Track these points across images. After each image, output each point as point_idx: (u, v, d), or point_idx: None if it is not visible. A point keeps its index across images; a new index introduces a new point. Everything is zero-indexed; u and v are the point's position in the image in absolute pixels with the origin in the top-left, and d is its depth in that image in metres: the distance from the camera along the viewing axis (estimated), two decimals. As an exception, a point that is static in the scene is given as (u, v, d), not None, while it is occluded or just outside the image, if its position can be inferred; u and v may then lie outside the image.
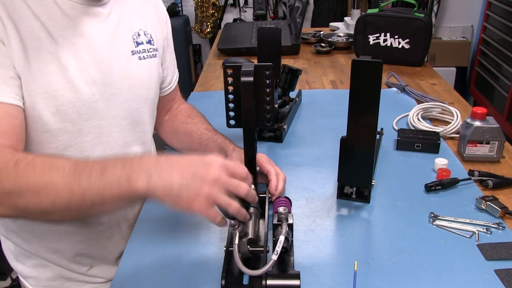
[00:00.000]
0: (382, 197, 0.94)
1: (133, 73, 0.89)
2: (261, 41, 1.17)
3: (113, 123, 0.88)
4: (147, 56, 0.92)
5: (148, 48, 0.93)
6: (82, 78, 0.80)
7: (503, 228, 0.84)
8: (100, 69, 0.83)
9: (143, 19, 0.93)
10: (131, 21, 0.90)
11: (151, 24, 0.95)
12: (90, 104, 0.82)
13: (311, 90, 1.53)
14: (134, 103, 0.91)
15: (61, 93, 0.77)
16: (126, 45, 0.88)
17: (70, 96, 0.79)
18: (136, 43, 0.90)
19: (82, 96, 0.80)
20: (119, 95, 0.87)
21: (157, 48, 0.96)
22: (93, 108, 0.83)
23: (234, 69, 0.78)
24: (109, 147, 0.88)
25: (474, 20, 3.34)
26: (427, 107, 1.27)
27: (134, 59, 0.90)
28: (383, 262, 0.77)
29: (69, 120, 0.80)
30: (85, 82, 0.80)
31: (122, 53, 0.87)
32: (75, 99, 0.79)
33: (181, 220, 0.90)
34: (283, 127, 1.18)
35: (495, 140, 1.03)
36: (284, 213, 0.74)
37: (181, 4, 3.51)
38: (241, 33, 2.09)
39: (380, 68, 0.79)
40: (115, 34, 0.86)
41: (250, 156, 0.85)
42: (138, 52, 0.90)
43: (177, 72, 1.13)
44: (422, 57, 1.69)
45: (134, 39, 0.90)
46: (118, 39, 0.86)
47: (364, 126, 0.84)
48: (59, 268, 0.94)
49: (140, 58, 0.91)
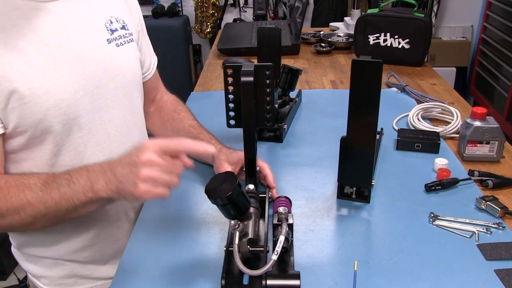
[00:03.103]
0: (382, 197, 0.94)
1: (113, 61, 0.87)
2: (261, 41, 1.17)
3: (102, 115, 0.86)
4: (124, 42, 0.91)
5: (123, 34, 0.91)
6: (61, 78, 0.78)
7: (503, 228, 0.84)
8: (78, 64, 0.81)
9: (112, 6, 0.91)
10: (100, 10, 0.88)
11: (121, 10, 0.93)
12: (75, 102, 0.80)
13: (311, 90, 1.53)
14: (121, 90, 0.90)
15: (44, 98, 0.76)
16: (100, 34, 0.86)
17: (54, 100, 0.77)
18: (111, 30, 0.88)
19: (65, 96, 0.79)
20: (103, 86, 0.85)
21: (132, 33, 0.94)
22: (80, 105, 0.82)
23: (234, 69, 0.78)
24: (102, 140, 0.87)
25: (474, 20, 3.34)
26: (427, 107, 1.27)
27: (112, 47, 0.88)
28: (383, 262, 0.77)
29: (58, 122, 0.79)
30: (65, 81, 0.79)
31: (97, 44, 0.85)
32: (60, 101, 0.78)
33: (181, 220, 0.90)
34: (283, 127, 1.18)
35: (495, 140, 1.03)
36: (284, 213, 0.74)
37: (181, 4, 3.51)
38: (241, 33, 2.09)
39: (380, 68, 0.79)
40: (87, 25, 0.84)
41: (250, 156, 0.85)
42: (115, 39, 0.89)
43: (155, 56, 1.10)
44: (422, 57, 1.69)
45: (108, 27, 0.88)
46: (90, 30, 0.85)
47: (364, 126, 0.84)
48: (73, 265, 0.94)
49: (118, 45, 0.89)
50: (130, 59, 0.93)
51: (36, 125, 0.77)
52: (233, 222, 0.70)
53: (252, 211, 0.77)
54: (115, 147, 0.89)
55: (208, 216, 0.90)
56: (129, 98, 0.93)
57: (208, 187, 0.73)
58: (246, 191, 0.80)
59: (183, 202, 0.95)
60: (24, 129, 0.77)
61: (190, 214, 0.91)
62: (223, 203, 0.71)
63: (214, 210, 0.88)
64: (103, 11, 0.89)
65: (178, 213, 0.92)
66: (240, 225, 0.70)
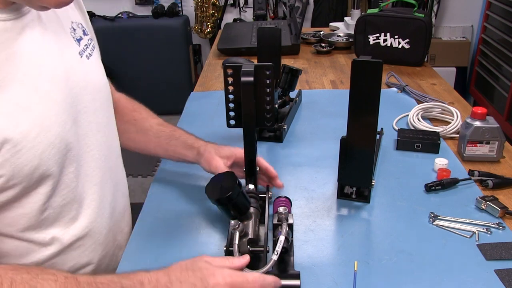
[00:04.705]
0: (382, 197, 0.94)
1: (89, 78, 0.77)
2: (261, 41, 1.17)
3: (87, 141, 0.77)
4: (91, 51, 0.80)
5: (87, 41, 0.80)
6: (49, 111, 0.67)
7: (503, 228, 0.84)
8: (61, 90, 0.70)
9: (67, 10, 0.77)
10: (60, 16, 0.75)
11: (74, 11, 0.81)
12: (65, 134, 0.70)
13: (311, 90, 1.53)
14: (100, 111, 0.80)
15: (38, 140, 0.65)
16: (71, 48, 0.74)
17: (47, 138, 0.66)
18: (77, 40, 0.76)
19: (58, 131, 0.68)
20: (85, 109, 0.76)
21: (92, 37, 0.83)
22: (70, 136, 0.71)
23: (234, 69, 0.79)
24: (90, 169, 0.78)
25: (474, 20, 3.34)
26: (427, 107, 1.27)
27: (84, 61, 0.76)
28: (383, 262, 0.77)
29: (55, 162, 0.68)
30: (54, 113, 0.68)
31: (72, 61, 0.74)
32: (53, 138, 0.67)
33: (181, 220, 0.90)
34: (283, 127, 1.18)
35: (495, 140, 1.03)
36: (284, 213, 0.74)
37: (181, 4, 3.51)
38: (241, 33, 2.09)
39: (380, 68, 0.79)
40: (58, 40, 0.71)
41: (250, 156, 0.85)
42: (83, 50, 0.77)
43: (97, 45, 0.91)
44: (422, 57, 1.69)
45: (73, 37, 0.76)
46: (62, 45, 0.72)
47: (364, 126, 0.84)
48: None
49: (88, 56, 0.78)
50: (101, 70, 0.82)
51: (32, 173, 0.65)
52: (233, 222, 0.70)
53: (252, 211, 0.77)
54: (104, 173, 0.82)
55: (208, 216, 0.90)
56: (108, 116, 0.85)
57: (208, 187, 0.73)
58: (246, 191, 0.80)
59: (183, 202, 0.95)
60: (17, 181, 0.64)
61: (190, 214, 0.91)
62: (223, 203, 0.71)
63: (214, 210, 0.88)
64: (63, 17, 0.75)
65: (178, 213, 0.92)
66: (240, 225, 0.70)
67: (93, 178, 0.79)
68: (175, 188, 1.00)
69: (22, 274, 0.58)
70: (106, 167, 0.83)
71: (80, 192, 0.77)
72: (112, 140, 0.87)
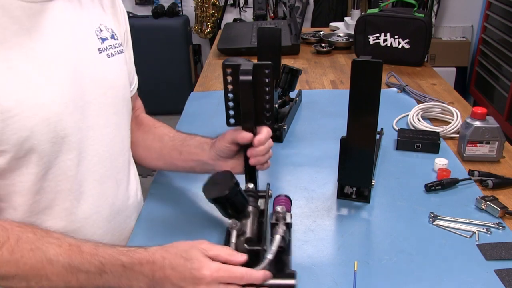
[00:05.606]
0: (382, 197, 0.94)
1: (104, 74, 0.80)
2: (261, 41, 1.17)
3: (92, 134, 0.78)
4: (114, 52, 0.83)
5: (113, 43, 0.84)
6: (51, 89, 0.69)
7: (503, 228, 0.84)
8: (69, 74, 0.72)
9: (100, 13, 0.84)
10: (89, 16, 0.80)
11: (109, 18, 0.86)
12: (65, 117, 0.71)
13: (311, 90, 1.53)
14: (111, 107, 0.82)
15: (32, 112, 0.66)
16: (91, 43, 0.79)
17: (43, 114, 0.68)
18: (101, 39, 0.81)
19: (56, 110, 0.69)
20: (94, 102, 0.78)
21: (121, 43, 0.87)
22: (70, 121, 0.73)
23: (233, 68, 0.78)
24: (92, 163, 0.79)
25: (474, 20, 3.34)
26: (427, 107, 1.27)
27: (103, 58, 0.80)
28: (383, 262, 0.77)
29: (47, 140, 0.70)
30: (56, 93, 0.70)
31: (89, 53, 0.78)
32: (49, 115, 0.68)
33: (181, 220, 0.90)
34: (283, 127, 1.18)
35: (495, 140, 1.03)
36: (282, 212, 0.74)
37: (181, 4, 3.51)
38: (241, 33, 2.09)
39: (380, 68, 0.79)
40: (77, 31, 0.76)
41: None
42: (105, 49, 0.81)
43: (136, 76, 1.00)
44: (422, 57, 1.69)
45: (98, 35, 0.80)
46: (81, 36, 0.76)
47: (364, 126, 0.84)
48: None
49: (109, 55, 0.82)
50: (121, 72, 0.86)
51: (21, 144, 0.66)
52: (231, 220, 0.70)
53: (250, 210, 0.77)
54: (106, 171, 0.82)
55: (208, 216, 0.90)
56: (120, 115, 0.86)
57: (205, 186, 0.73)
58: (245, 190, 0.80)
59: (183, 202, 0.95)
60: (5, 148, 0.66)
61: (190, 214, 0.91)
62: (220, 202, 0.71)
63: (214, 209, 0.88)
64: (92, 18, 0.81)
65: (178, 213, 0.92)
66: (238, 224, 0.70)
67: (94, 173, 0.80)
68: (175, 188, 1.00)
69: (28, 233, 0.63)
70: (110, 165, 0.83)
71: (78, 184, 0.77)
72: (121, 141, 0.87)
